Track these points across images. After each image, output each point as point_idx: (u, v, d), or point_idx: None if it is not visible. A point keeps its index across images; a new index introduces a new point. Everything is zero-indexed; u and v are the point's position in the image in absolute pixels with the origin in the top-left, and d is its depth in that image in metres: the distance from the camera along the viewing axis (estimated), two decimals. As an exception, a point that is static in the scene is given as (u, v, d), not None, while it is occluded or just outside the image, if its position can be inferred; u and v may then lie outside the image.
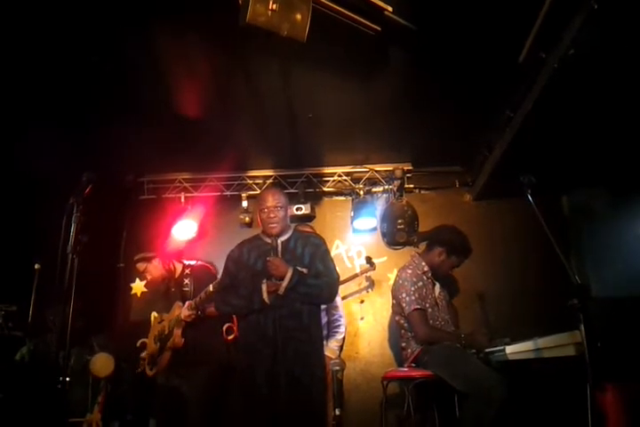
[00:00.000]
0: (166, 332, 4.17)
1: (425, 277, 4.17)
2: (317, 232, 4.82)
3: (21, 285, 4.19)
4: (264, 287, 3.45)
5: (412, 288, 4.05)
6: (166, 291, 4.46)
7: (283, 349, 3.34)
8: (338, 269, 3.70)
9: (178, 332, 4.09)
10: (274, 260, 3.47)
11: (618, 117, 3.81)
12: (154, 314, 4.48)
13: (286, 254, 3.58)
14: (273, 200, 3.63)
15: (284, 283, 3.40)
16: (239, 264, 3.67)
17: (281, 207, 3.63)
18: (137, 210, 5.69)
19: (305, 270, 3.51)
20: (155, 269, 4.43)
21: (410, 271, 4.17)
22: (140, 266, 4.47)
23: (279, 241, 3.62)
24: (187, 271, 4.42)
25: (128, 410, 4.44)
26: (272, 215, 3.59)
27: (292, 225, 3.87)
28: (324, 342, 4.16)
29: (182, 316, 4.05)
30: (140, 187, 5.75)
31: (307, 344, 3.42)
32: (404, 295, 4.06)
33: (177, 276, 4.44)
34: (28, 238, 4.68)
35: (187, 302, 4.08)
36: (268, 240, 3.62)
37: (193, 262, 4.55)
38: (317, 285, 3.50)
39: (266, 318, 3.43)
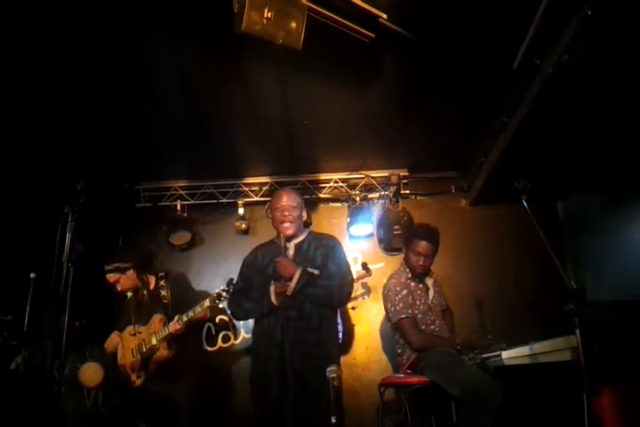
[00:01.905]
0: (149, 344, 4.10)
1: (412, 283, 4.14)
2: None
3: (17, 294, 4.17)
4: (272, 289, 3.44)
5: (396, 298, 4.02)
6: (138, 303, 4.35)
7: (291, 351, 3.32)
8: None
9: (164, 345, 4.07)
10: (282, 260, 3.46)
11: (612, 123, 3.83)
12: (129, 327, 4.32)
13: (298, 256, 3.57)
14: (288, 199, 3.64)
15: (292, 284, 3.39)
16: (253, 268, 3.67)
17: (295, 207, 3.64)
18: (133, 218, 5.68)
19: (316, 272, 3.49)
20: (127, 280, 4.33)
21: (393, 281, 4.15)
22: (112, 277, 4.33)
23: (293, 243, 3.63)
24: (161, 283, 4.34)
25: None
26: (286, 213, 3.60)
27: (307, 229, 3.87)
28: None
29: (171, 330, 3.99)
30: (136, 194, 5.74)
31: (316, 347, 3.38)
32: (389, 306, 4.06)
33: (152, 288, 4.36)
34: (24, 247, 4.66)
35: (176, 317, 4.00)
36: (287, 244, 3.62)
37: (164, 273, 4.46)
38: (328, 286, 3.47)
39: (275, 319, 3.42)
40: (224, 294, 3.73)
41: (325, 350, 3.45)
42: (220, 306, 3.79)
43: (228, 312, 3.96)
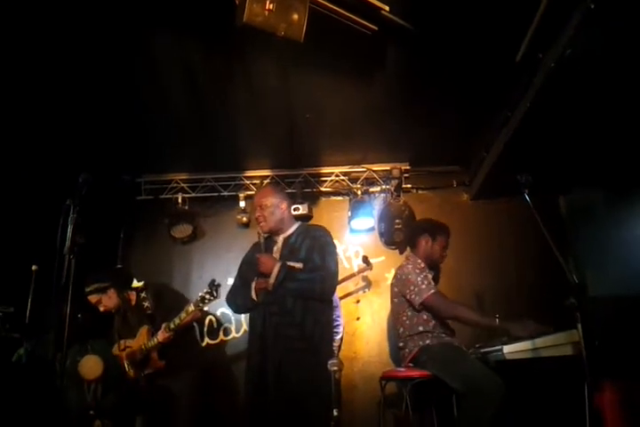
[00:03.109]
0: (140, 357, 4.13)
1: (425, 273, 4.15)
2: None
3: (19, 286, 4.18)
4: (253, 285, 3.47)
5: (418, 278, 3.97)
6: (123, 320, 4.37)
7: (273, 346, 3.32)
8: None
9: (155, 355, 4.09)
10: (261, 256, 3.48)
11: (615, 117, 3.82)
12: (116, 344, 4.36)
13: (285, 250, 3.58)
14: (258, 200, 3.69)
15: (272, 279, 3.39)
16: (250, 265, 3.68)
17: (266, 206, 3.63)
18: (134, 211, 5.69)
19: (299, 265, 3.47)
20: (109, 299, 4.31)
21: (410, 266, 4.12)
22: (93, 298, 4.30)
23: (281, 237, 3.65)
24: (142, 295, 4.34)
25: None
26: (257, 214, 3.65)
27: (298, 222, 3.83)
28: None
29: (160, 339, 4.00)
30: (137, 187, 5.75)
31: (298, 341, 3.36)
32: (412, 288, 3.97)
33: (134, 304, 4.36)
34: (26, 240, 4.67)
35: (163, 325, 4.01)
36: (275, 239, 3.65)
37: (141, 284, 4.46)
38: (309, 279, 3.43)
39: (257, 315, 3.45)
40: (207, 296, 3.72)
41: (310, 343, 3.40)
42: (205, 309, 3.80)
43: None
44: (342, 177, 5.71)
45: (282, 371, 3.27)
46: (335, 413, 3.30)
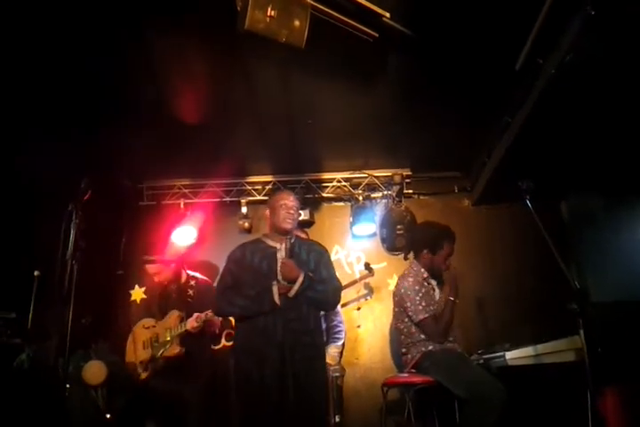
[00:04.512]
0: (161, 339, 4.17)
1: (426, 284, 4.14)
2: (315, 238, 4.79)
3: (21, 292, 4.18)
4: (275, 289, 3.43)
5: (417, 297, 3.99)
6: (165, 296, 4.45)
7: (290, 352, 3.31)
8: (337, 274, 3.74)
9: (177, 341, 4.13)
10: (288, 262, 3.47)
11: (615, 122, 3.82)
12: (143, 320, 4.45)
13: (293, 259, 3.59)
14: (294, 200, 3.71)
15: (296, 286, 3.41)
16: (241, 265, 3.65)
17: (297, 207, 3.71)
18: (136, 216, 5.68)
19: (312, 276, 3.53)
20: (169, 272, 4.47)
21: (411, 279, 4.12)
22: (152, 268, 4.48)
23: (284, 245, 3.63)
24: (192, 282, 4.45)
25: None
26: (292, 212, 3.65)
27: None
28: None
29: (189, 327, 4.05)
30: (140, 193, 5.75)
31: (311, 348, 3.43)
32: (408, 304, 4.00)
33: (183, 282, 4.48)
34: (28, 245, 4.67)
35: (195, 315, 4.05)
36: (271, 243, 3.64)
37: (198, 275, 4.59)
38: (324, 290, 3.53)
39: (274, 320, 3.39)
40: None
41: (320, 351, 3.57)
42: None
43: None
44: (344, 183, 5.71)
45: (301, 377, 3.29)
46: (337, 419, 3.30)
